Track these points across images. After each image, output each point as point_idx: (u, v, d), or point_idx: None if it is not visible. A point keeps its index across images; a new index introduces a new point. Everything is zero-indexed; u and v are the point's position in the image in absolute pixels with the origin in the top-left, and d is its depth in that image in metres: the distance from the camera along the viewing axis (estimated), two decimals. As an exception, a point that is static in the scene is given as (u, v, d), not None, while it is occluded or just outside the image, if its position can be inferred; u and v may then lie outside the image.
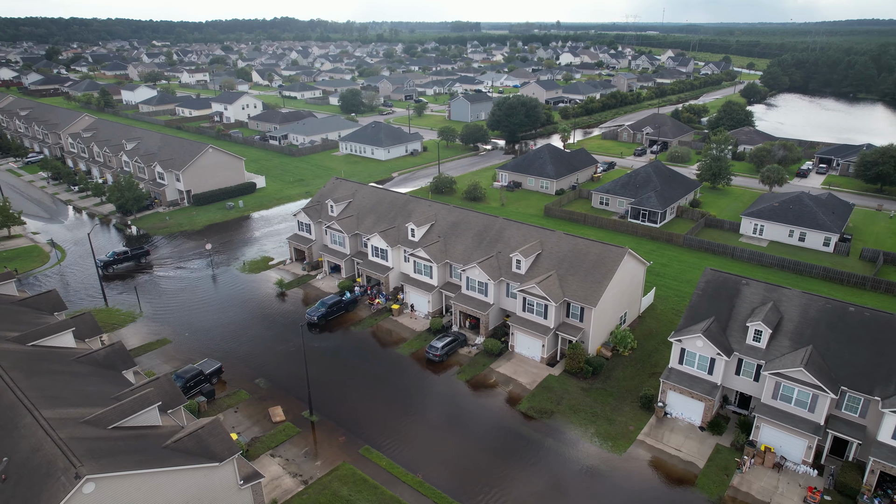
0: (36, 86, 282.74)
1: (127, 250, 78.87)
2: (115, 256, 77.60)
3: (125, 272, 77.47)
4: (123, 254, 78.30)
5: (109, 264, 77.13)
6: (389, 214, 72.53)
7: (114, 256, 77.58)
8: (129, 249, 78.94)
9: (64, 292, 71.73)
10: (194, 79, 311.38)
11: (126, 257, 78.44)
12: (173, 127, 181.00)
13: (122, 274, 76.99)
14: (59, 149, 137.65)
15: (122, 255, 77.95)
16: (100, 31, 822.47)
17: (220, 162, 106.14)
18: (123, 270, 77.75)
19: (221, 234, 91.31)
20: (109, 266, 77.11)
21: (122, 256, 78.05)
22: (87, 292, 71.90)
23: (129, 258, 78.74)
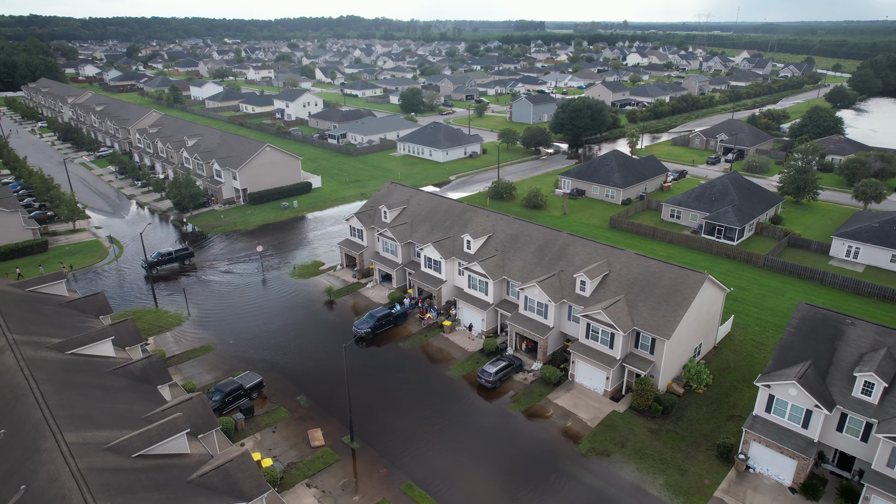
0: (115, 82, 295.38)
1: (171, 251, 77.98)
2: (160, 257, 76.75)
3: (176, 273, 76.87)
4: (168, 255, 77.41)
5: (154, 265, 76.27)
6: (445, 223, 68.63)
7: (158, 257, 76.72)
8: (173, 251, 78.05)
9: (116, 290, 71.64)
10: (259, 75, 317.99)
11: (170, 258, 77.52)
12: (236, 123, 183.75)
13: (174, 275, 76.38)
14: (127, 143, 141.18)
15: (166, 256, 77.11)
16: (177, 29, 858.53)
17: (276, 161, 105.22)
18: (169, 272, 77.03)
19: (274, 234, 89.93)
20: (153, 267, 76.22)
21: (167, 257, 77.20)
22: (139, 291, 71.48)
23: (172, 259, 77.79)
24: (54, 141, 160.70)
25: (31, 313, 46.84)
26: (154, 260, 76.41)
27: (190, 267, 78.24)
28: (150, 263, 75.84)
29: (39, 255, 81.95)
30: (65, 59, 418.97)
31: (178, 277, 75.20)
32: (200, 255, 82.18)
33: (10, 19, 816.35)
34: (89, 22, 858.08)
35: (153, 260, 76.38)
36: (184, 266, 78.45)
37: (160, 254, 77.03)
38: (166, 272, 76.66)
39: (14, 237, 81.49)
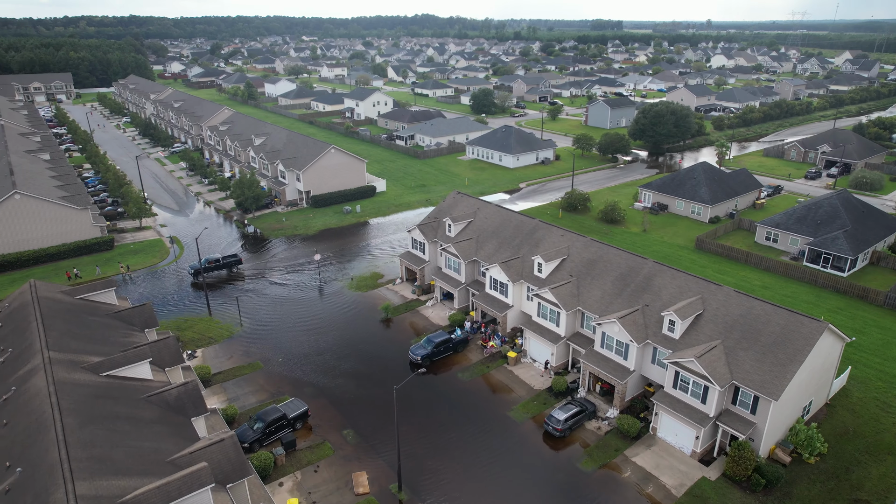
0: (197, 78, 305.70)
1: (219, 258, 75.22)
2: (207, 264, 73.96)
3: (231, 279, 74.65)
4: (215, 262, 74.72)
5: (200, 272, 73.34)
6: (514, 241, 62.64)
7: (205, 264, 73.88)
8: (220, 257, 75.34)
9: (171, 294, 69.97)
10: (333, 73, 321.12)
11: (217, 265, 74.78)
12: (305, 121, 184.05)
13: (229, 281, 74.16)
14: (200, 140, 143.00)
15: (213, 263, 74.42)
16: (259, 27, 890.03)
17: (341, 163, 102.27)
18: (219, 279, 74.80)
19: (334, 241, 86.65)
20: (199, 274, 73.46)
21: (214, 265, 74.56)
22: (193, 297, 69.49)
23: (220, 266, 75.06)
24: (135, 136, 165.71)
25: (74, 325, 44.59)
26: (200, 267, 73.48)
27: (237, 275, 75.45)
28: (196, 270, 73.26)
29: (105, 252, 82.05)
30: (155, 56, 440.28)
31: (233, 284, 72.87)
32: (258, 261, 79.89)
33: (113, 20, 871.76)
34: (181, 21, 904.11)
35: (199, 267, 73.38)
36: (231, 273, 75.72)
37: (208, 260, 74.31)
38: (214, 279, 73.94)
39: (83, 234, 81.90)
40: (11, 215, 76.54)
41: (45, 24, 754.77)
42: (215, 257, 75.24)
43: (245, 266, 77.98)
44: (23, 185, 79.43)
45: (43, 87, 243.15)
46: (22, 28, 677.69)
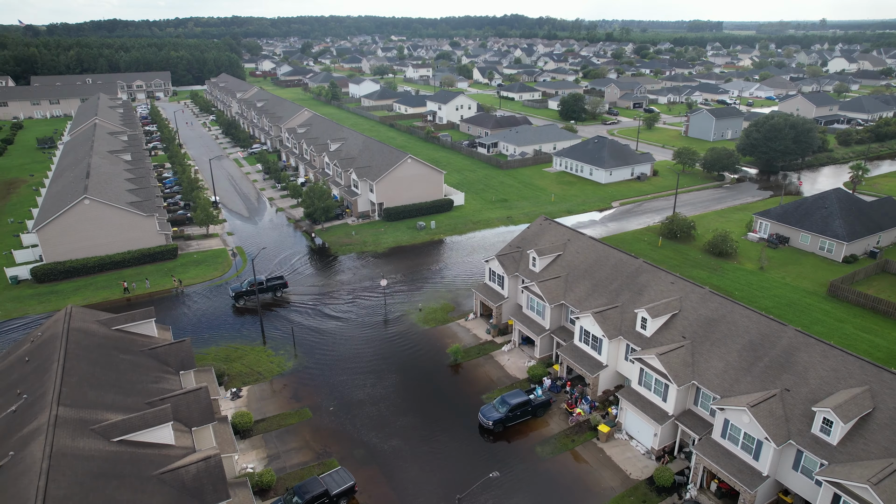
0: (285, 76, 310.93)
1: (262, 280, 68.41)
2: (250, 287, 67.42)
3: (287, 301, 68.70)
4: (259, 284, 67.70)
5: (241, 295, 67.39)
6: (611, 285, 52.43)
7: (248, 286, 67.51)
8: (265, 279, 68.68)
9: (224, 315, 64.75)
10: (418, 74, 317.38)
11: (261, 288, 67.90)
12: (386, 124, 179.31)
13: (286, 304, 68.22)
14: (278, 141, 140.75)
15: (256, 285, 66.80)
16: (350, 27, 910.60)
17: (417, 174, 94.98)
18: (268, 302, 69.04)
19: (404, 261, 79.27)
20: (241, 297, 67.41)
21: (258, 286, 67.05)
22: (247, 320, 63.95)
23: (264, 289, 68.02)
24: (218, 135, 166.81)
25: (99, 368, 39.11)
26: (242, 289, 67.38)
27: (282, 299, 68.80)
28: (238, 293, 67.09)
29: (168, 262, 78.76)
30: (249, 54, 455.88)
31: (290, 307, 66.84)
32: (323, 278, 73.73)
33: (217, 20, 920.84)
34: (277, 21, 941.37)
35: (241, 289, 67.38)
36: (276, 298, 68.90)
37: (251, 282, 67.76)
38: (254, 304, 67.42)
39: (148, 242, 79.03)
40: (80, 220, 74.44)
41: (158, 26, 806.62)
42: (259, 279, 68.42)
43: (308, 286, 71.99)
44: (94, 189, 77.40)
45: (144, 85, 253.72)
46: (140, 30, 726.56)
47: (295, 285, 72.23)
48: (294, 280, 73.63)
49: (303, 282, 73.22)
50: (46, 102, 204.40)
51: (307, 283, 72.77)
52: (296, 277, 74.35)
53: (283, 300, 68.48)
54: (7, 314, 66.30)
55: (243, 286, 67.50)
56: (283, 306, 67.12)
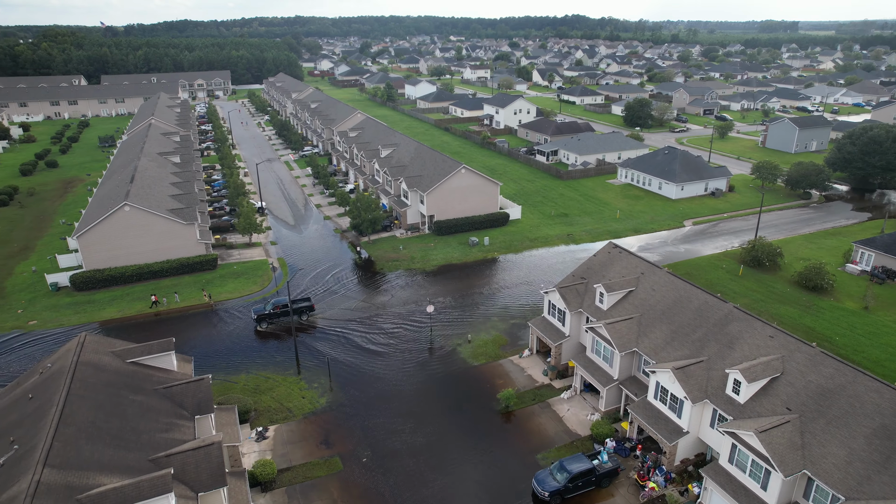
0: (342, 76, 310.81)
1: (286, 302, 62.93)
2: (273, 309, 62.36)
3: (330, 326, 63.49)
4: (283, 307, 62.59)
5: (264, 318, 62.20)
6: (694, 332, 44.49)
7: (271, 309, 62.39)
8: (289, 301, 62.33)
9: (257, 339, 60.07)
10: (475, 75, 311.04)
11: (286, 311, 62.56)
12: (441, 127, 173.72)
13: (322, 329, 63.02)
14: (330, 145, 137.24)
15: (281, 308, 62.56)
16: (410, 27, 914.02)
17: (471, 185, 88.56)
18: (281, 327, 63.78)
19: (454, 281, 72.96)
20: (263, 321, 62.32)
21: (282, 310, 62.65)
22: (281, 346, 59.08)
23: (288, 313, 62.43)
24: (272, 136, 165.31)
25: (103, 412, 34.49)
26: (265, 312, 62.24)
27: (309, 323, 63.29)
28: (260, 316, 62.10)
29: (207, 273, 75.23)
30: (309, 54, 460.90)
31: (327, 331, 61.60)
32: (367, 298, 68.26)
33: (280, 20, 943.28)
34: (338, 21, 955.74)
35: (264, 312, 62.28)
36: (302, 322, 63.36)
37: (275, 305, 62.75)
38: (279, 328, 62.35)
39: (188, 251, 75.74)
40: (120, 227, 71.71)
41: (225, 26, 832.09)
42: (282, 301, 63.24)
43: (348, 307, 66.67)
44: (136, 195, 74.64)
45: (205, 84, 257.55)
46: (208, 29, 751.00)
47: (334, 304, 67.12)
48: (334, 298, 68.59)
49: (343, 301, 67.98)
50: (112, 101, 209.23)
51: (348, 303, 67.46)
52: (335, 296, 69.26)
53: (312, 324, 63.17)
54: (42, 323, 63.92)
55: (266, 308, 62.51)
56: (320, 330, 61.98)
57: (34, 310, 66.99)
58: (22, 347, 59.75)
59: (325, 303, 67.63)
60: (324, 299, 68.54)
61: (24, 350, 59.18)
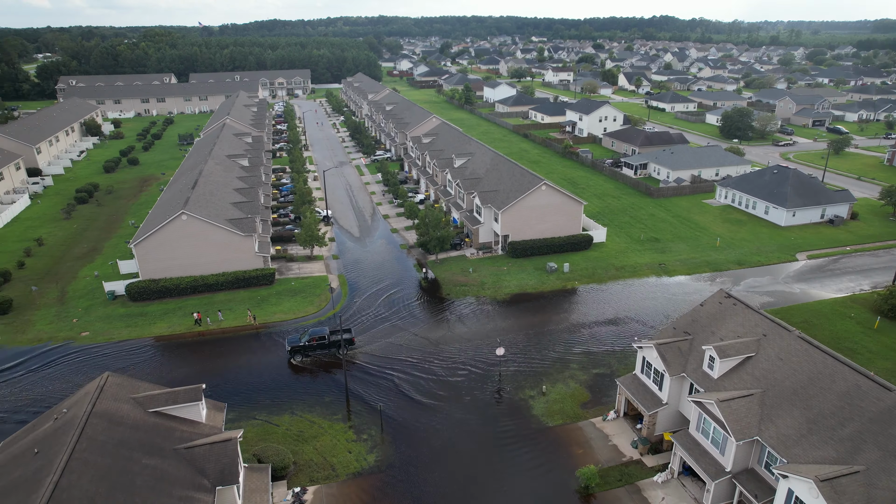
0: (421, 77, 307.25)
1: (325, 334, 56.81)
2: (309, 341, 56.19)
3: (389, 361, 56.91)
4: (320, 339, 56.34)
5: (298, 350, 56.06)
6: (843, 427, 34.33)
7: (307, 341, 56.23)
8: (327, 333, 57.05)
9: (305, 372, 54.28)
10: (557, 78, 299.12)
11: (322, 343, 56.33)
12: (520, 133, 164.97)
13: (382, 363, 56.47)
14: (402, 150, 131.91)
15: (317, 339, 56.27)
16: (491, 27, 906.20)
17: (552, 204, 79.91)
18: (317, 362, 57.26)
19: (528, 315, 64.74)
20: (297, 353, 56.25)
21: (318, 342, 56.33)
22: (331, 383, 53.02)
23: (325, 345, 56.45)
24: (345, 137, 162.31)
25: (107, 481, 29.08)
26: (299, 344, 56.11)
27: (349, 357, 56.72)
28: (294, 348, 56.06)
29: (263, 288, 70.75)
30: (389, 53, 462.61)
31: (383, 367, 55.01)
32: (428, 328, 61.32)
33: (364, 20, 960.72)
34: (420, 21, 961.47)
35: (298, 343, 56.24)
36: (340, 356, 56.64)
37: (311, 336, 56.62)
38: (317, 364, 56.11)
39: (245, 264, 71.58)
40: (177, 237, 68.39)
41: (311, 25, 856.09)
42: (321, 332, 56.97)
43: (406, 340, 59.92)
44: (196, 203, 71.24)
45: (285, 83, 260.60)
46: (295, 28, 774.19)
47: (388, 334, 60.53)
48: (389, 327, 62.07)
49: (397, 331, 61.26)
50: (197, 98, 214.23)
51: (406, 335, 60.68)
52: (390, 324, 62.70)
53: (363, 360, 56.62)
54: (93, 336, 61.19)
55: (302, 340, 56.50)
56: (373, 367, 55.49)
57: (89, 319, 64.59)
58: (70, 361, 57.00)
59: (377, 331, 61.22)
60: (375, 326, 62.21)
61: (71, 363, 56.38)
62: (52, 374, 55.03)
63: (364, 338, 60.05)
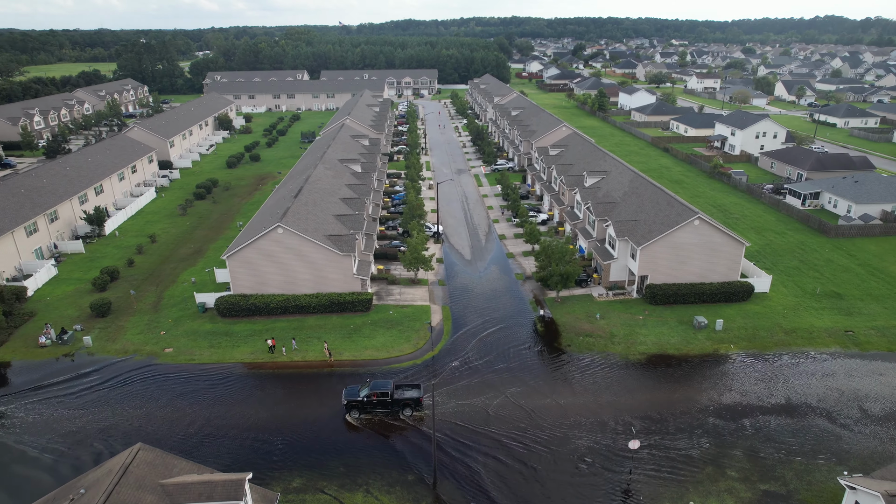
0: (551, 80, 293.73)
1: (389, 390, 46.90)
2: (368, 397, 46.68)
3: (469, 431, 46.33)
4: (381, 395, 46.59)
5: (354, 406, 46.81)
6: None
7: (366, 397, 46.76)
8: (391, 389, 47.08)
9: (387, 433, 45.08)
10: (702, 85, 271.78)
11: (384, 401, 46.60)
12: (660, 147, 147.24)
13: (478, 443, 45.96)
14: (526, 160, 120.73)
15: (378, 395, 46.52)
16: (627, 29, 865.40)
17: (705, 243, 65.07)
18: (381, 425, 46.81)
19: (669, 388, 51.28)
20: (354, 409, 46.94)
21: (379, 398, 46.54)
22: (420, 450, 43.44)
23: (388, 403, 46.69)
24: (466, 143, 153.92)
25: None
26: (356, 399, 46.86)
27: (416, 419, 46.86)
28: (351, 403, 46.90)
29: (358, 315, 63.10)
30: (520, 54, 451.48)
31: (477, 443, 44.50)
32: (533, 395, 50.03)
33: (497, 20, 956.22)
34: (553, 21, 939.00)
35: (356, 398, 46.98)
36: (403, 417, 47.12)
37: (373, 390, 46.99)
38: (376, 425, 46.47)
39: (341, 286, 64.32)
40: (272, 251, 62.54)
41: (444, 25, 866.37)
42: (385, 387, 47.37)
43: (505, 409, 49.00)
44: (295, 214, 65.14)
45: (412, 82, 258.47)
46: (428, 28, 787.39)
47: (482, 390, 49.79)
48: (483, 381, 51.37)
49: (492, 391, 50.38)
50: (324, 96, 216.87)
51: (500, 398, 49.72)
52: (484, 379, 51.96)
53: (417, 421, 46.82)
54: (175, 355, 56.69)
55: (360, 394, 47.26)
56: (450, 435, 45.20)
57: (175, 333, 60.47)
58: (146, 381, 52.60)
59: (464, 386, 50.77)
60: (463, 378, 51.80)
61: (146, 384, 51.84)
62: (124, 395, 50.70)
63: (445, 393, 49.98)
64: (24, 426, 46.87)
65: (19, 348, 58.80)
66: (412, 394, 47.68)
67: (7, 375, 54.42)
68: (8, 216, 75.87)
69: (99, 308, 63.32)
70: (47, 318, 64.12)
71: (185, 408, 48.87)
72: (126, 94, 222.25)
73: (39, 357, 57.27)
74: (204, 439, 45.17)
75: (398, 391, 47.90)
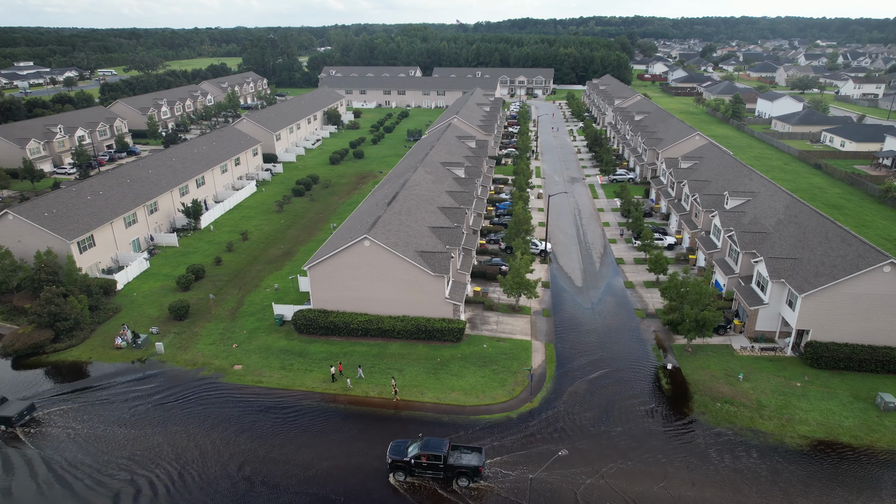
0: (676, 83, 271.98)
1: (443, 452, 37.59)
2: (418, 457, 37.82)
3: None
4: (433, 457, 37.53)
5: (400, 467, 38.05)
6: None
7: (416, 456, 37.96)
8: (446, 450, 37.59)
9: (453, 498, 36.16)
10: (859, 91, 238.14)
11: (436, 465, 37.45)
12: (809, 163, 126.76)
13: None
14: (650, 171, 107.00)
15: (430, 457, 37.47)
16: (764, 29, 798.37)
17: (887, 294, 50.13)
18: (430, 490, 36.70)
19: (842, 493, 38.18)
20: (399, 470, 38.15)
21: (430, 460, 37.39)
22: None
23: (438, 467, 37.56)
24: (581, 148, 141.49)
25: None
26: (401, 459, 38.13)
27: (474, 494, 37.04)
28: (396, 463, 38.19)
29: (448, 346, 54.75)
30: (643, 55, 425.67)
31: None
32: (480, 476, 38.94)
33: (618, 20, 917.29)
34: (679, 21, 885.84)
35: (402, 459, 38.19)
36: (454, 486, 37.71)
37: (422, 449, 38.13)
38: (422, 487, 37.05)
39: (431, 310, 56.30)
40: (357, 265, 55.67)
41: (563, 24, 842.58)
42: (438, 449, 38.13)
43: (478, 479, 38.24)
44: (385, 225, 57.89)
45: (526, 81, 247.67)
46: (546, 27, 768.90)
47: (565, 466, 39.22)
48: (588, 448, 40.73)
49: (579, 468, 39.63)
50: (434, 93, 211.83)
51: (591, 480, 38.93)
52: (587, 445, 41.26)
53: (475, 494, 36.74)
54: (243, 374, 51.46)
55: (408, 453, 38.47)
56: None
57: (249, 347, 55.33)
58: (205, 402, 47.62)
59: (542, 450, 40.37)
60: (544, 443, 41.33)
61: (204, 406, 46.81)
62: (180, 416, 45.68)
63: (515, 460, 39.94)
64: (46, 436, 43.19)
65: (97, 347, 56.44)
66: (471, 460, 38.36)
67: (72, 375, 51.67)
68: (110, 206, 75.31)
69: (177, 311, 59.75)
70: (131, 314, 61.74)
71: (237, 441, 42.83)
72: (246, 86, 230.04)
73: (114, 359, 54.45)
74: (251, 488, 38.64)
75: (454, 454, 38.77)
